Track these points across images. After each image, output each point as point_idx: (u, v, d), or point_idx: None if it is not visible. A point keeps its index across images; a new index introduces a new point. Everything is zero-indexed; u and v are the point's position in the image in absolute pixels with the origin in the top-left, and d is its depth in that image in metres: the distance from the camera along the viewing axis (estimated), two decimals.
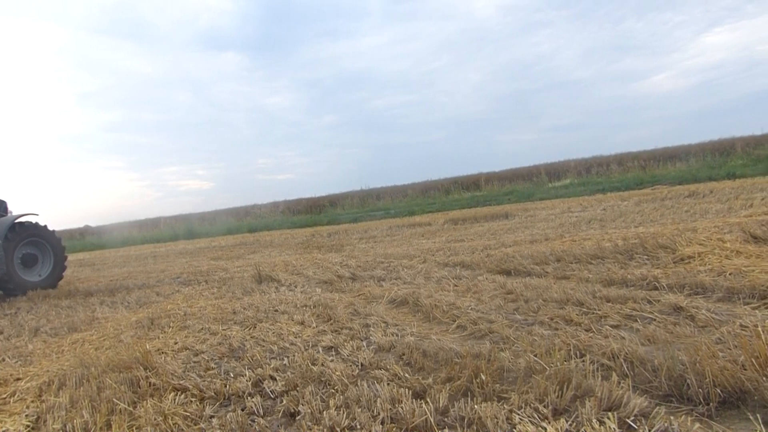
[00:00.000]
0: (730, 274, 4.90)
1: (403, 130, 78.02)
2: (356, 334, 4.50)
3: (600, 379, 2.85)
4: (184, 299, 7.69)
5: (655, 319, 3.95)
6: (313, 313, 5.46)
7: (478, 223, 14.89)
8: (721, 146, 28.47)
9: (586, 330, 3.91)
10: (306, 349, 4.16)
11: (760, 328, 3.09)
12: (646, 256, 6.23)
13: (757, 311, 3.89)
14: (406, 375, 3.30)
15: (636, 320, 4.01)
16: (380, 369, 3.50)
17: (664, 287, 4.82)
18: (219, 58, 78.39)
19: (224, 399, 3.41)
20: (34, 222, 11.15)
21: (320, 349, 4.15)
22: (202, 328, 5.46)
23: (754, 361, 2.71)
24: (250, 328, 5.21)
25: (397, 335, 4.29)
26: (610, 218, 11.28)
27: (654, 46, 68.36)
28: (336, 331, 4.70)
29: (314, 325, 5.00)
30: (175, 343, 4.96)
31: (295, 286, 7.51)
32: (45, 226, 11.17)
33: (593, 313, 4.28)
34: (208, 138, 78.12)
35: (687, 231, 7.31)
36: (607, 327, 3.90)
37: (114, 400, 3.43)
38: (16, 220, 10.73)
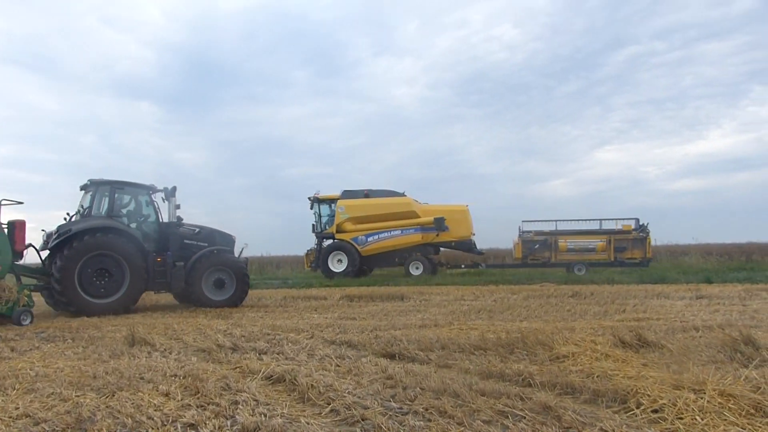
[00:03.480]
0: (597, 377, 5.12)
1: None
2: (222, 411, 4.20)
3: None
4: (41, 358, 6.95)
5: (525, 417, 4.01)
6: (181, 384, 5.08)
7: (373, 302, 14.84)
8: None
9: (458, 423, 3.88)
10: (163, 425, 3.83)
11: None
12: (525, 352, 6.41)
13: (616, 415, 4.06)
14: None
15: (507, 416, 4.05)
16: None
17: (537, 384, 4.94)
18: (133, 107, 75.70)
19: None
20: (223, 253, 13.93)
21: (179, 425, 3.83)
22: (52, 393, 4.92)
23: None
24: (107, 396, 4.75)
25: (265, 415, 4.05)
26: (498, 310, 11.64)
27: (554, 153, 74.23)
28: (201, 406, 4.38)
29: (179, 397, 4.64)
30: (16, 409, 4.42)
31: (170, 353, 7.02)
32: (231, 257, 14.08)
33: (467, 406, 4.27)
34: None
35: (565, 330, 7.65)
36: (479, 422, 3.90)
37: None
38: (205, 251, 13.56)
